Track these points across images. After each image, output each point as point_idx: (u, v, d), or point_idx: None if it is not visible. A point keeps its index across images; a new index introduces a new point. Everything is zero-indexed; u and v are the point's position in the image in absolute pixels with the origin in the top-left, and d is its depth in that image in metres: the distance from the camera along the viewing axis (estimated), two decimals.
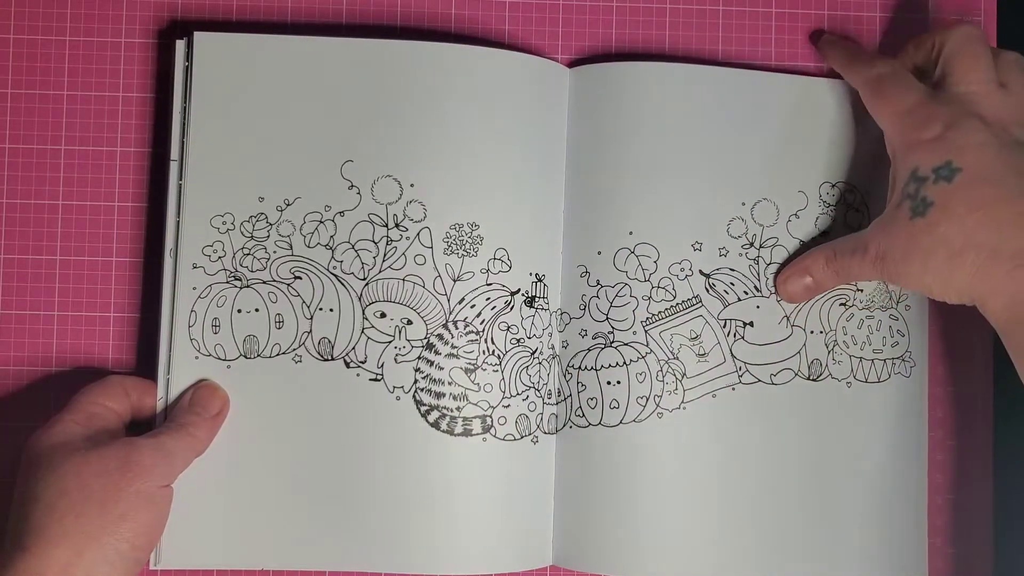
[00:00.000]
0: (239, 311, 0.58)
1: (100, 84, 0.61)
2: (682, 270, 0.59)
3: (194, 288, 0.57)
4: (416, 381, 0.57)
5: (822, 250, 0.57)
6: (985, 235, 0.49)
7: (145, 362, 0.60)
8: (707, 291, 0.59)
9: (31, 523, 0.49)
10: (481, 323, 0.58)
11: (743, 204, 0.59)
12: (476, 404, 0.58)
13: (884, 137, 0.56)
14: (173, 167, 0.57)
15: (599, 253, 0.59)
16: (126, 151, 0.61)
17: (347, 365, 0.57)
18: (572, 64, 0.62)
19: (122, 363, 0.60)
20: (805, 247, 0.59)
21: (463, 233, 0.58)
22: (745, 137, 0.59)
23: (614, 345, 0.59)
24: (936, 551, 0.61)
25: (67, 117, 0.61)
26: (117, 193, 0.61)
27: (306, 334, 0.58)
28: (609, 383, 0.58)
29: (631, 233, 0.59)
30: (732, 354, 0.59)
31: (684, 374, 0.58)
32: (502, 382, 0.58)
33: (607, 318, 0.59)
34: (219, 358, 0.57)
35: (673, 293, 0.59)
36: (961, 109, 0.52)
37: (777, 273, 0.59)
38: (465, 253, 0.58)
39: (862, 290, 0.59)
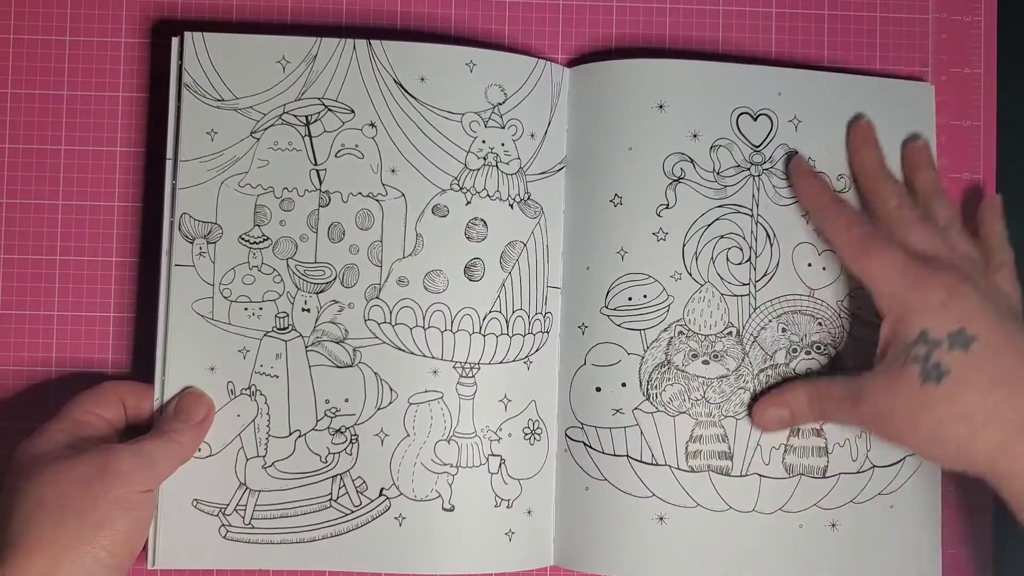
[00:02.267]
0: None
1: (100, 84, 0.61)
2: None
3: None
4: None
5: (806, 387, 0.57)
6: (1012, 411, 0.50)
7: (143, 364, 0.60)
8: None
9: (9, 534, 0.49)
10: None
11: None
12: None
13: (873, 293, 0.55)
14: (168, 166, 0.57)
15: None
16: (126, 151, 0.61)
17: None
18: (571, 63, 0.62)
19: (121, 364, 0.61)
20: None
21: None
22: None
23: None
24: None
25: (67, 117, 0.61)
26: (117, 193, 0.61)
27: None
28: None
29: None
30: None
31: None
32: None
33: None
34: None
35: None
36: (956, 275, 0.53)
37: (757, 397, 0.58)
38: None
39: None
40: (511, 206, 0.58)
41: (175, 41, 0.58)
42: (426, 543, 0.57)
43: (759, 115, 0.59)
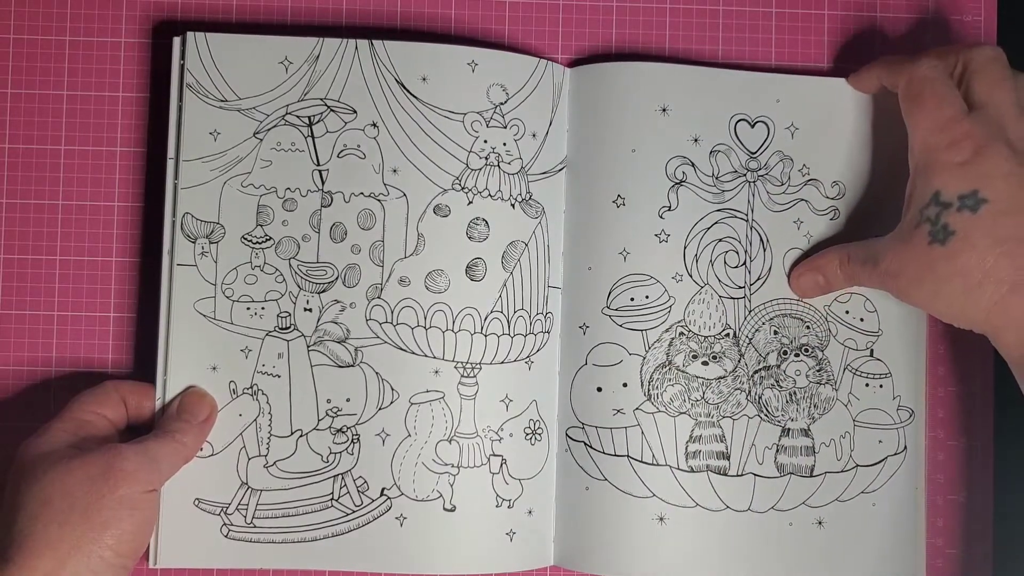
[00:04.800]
0: None
1: (100, 84, 0.61)
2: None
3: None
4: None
5: (837, 252, 0.57)
6: (1008, 271, 0.50)
7: (144, 363, 0.60)
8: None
9: (14, 533, 0.49)
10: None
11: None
12: None
13: (908, 147, 0.55)
14: (170, 165, 0.57)
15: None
16: (126, 151, 0.61)
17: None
18: (572, 64, 0.62)
19: (122, 364, 0.60)
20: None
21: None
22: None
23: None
24: (936, 551, 0.61)
25: (67, 117, 0.61)
26: (117, 193, 0.61)
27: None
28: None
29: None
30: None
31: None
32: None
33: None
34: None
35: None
36: (990, 132, 0.52)
37: (792, 266, 0.59)
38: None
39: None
40: (513, 206, 0.58)
41: (177, 41, 0.58)
42: (427, 543, 0.57)
43: (756, 122, 0.60)
